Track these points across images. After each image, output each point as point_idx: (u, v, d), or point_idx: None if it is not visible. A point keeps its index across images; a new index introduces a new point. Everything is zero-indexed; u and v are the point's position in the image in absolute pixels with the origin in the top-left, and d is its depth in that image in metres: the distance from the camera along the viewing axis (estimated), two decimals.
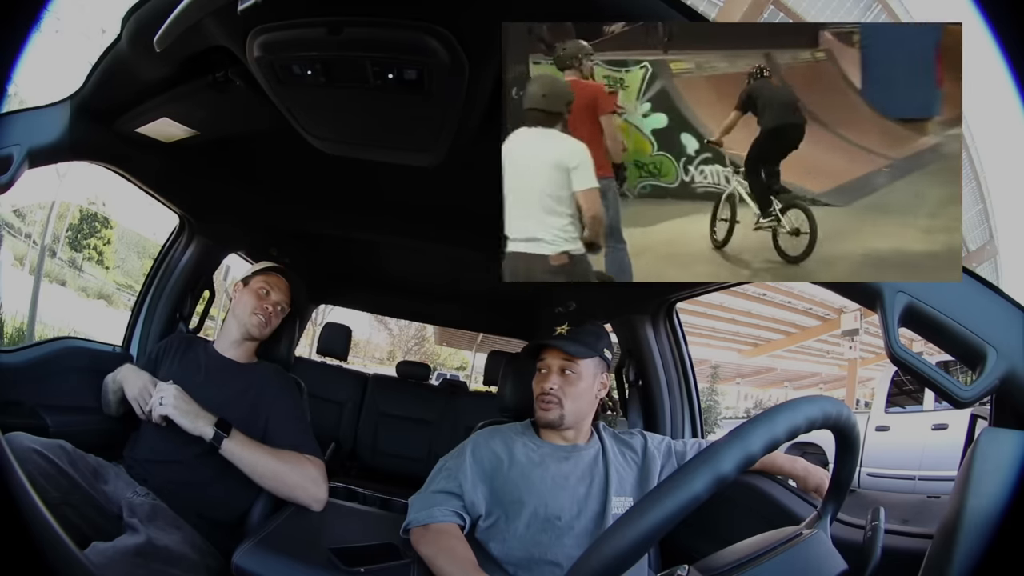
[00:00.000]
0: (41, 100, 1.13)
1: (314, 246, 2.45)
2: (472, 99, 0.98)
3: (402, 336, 22.11)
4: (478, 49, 0.86)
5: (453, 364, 22.97)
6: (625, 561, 0.47)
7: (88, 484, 1.18)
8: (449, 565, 1.03)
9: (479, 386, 4.09)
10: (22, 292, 7.45)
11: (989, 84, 3.18)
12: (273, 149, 1.53)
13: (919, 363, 0.70)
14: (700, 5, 7.35)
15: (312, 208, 1.95)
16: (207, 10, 0.76)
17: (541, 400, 1.20)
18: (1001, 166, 30.50)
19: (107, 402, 1.38)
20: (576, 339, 1.20)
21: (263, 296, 1.45)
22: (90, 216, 13.67)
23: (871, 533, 0.60)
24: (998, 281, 4.76)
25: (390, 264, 2.72)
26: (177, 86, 1.15)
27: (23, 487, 0.47)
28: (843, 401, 0.77)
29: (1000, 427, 0.67)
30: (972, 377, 0.68)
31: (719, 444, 0.50)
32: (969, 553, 0.54)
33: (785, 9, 7.80)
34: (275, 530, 1.15)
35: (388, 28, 0.84)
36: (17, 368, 1.35)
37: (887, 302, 0.71)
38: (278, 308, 1.47)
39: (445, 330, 12.78)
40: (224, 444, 1.21)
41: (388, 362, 21.20)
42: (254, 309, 1.43)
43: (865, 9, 8.38)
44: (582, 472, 1.20)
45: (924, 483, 5.03)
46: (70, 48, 10.40)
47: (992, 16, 0.50)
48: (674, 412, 1.67)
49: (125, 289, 12.93)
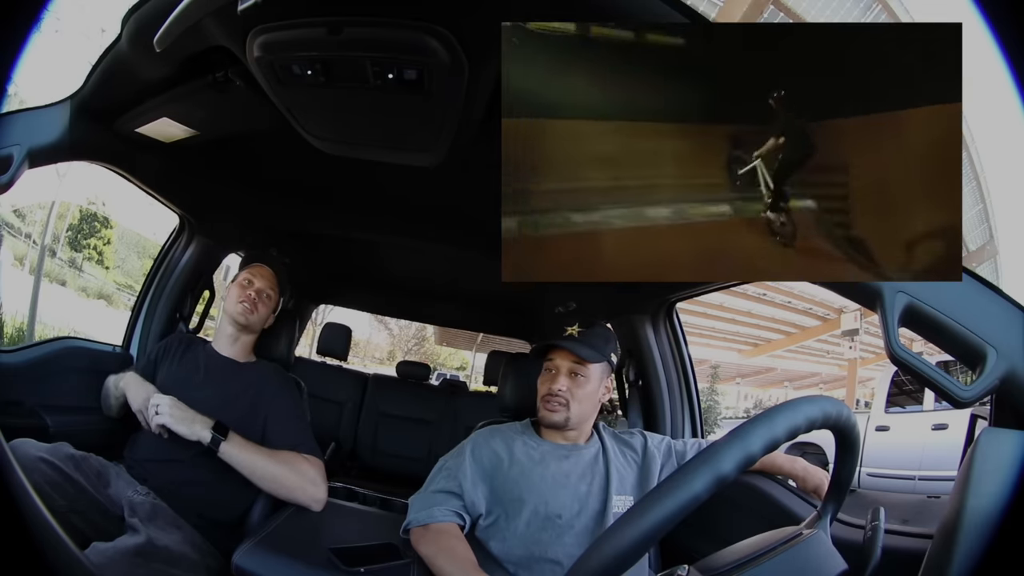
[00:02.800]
0: (41, 100, 1.13)
1: (314, 246, 2.45)
2: (472, 99, 0.98)
3: (402, 336, 22.12)
4: (478, 49, 0.86)
5: (453, 364, 22.97)
6: (625, 560, 0.47)
7: (93, 488, 1.18)
8: (449, 565, 1.03)
9: (479, 386, 4.09)
10: (22, 292, 7.46)
11: (989, 84, 3.18)
12: (273, 149, 1.53)
13: (919, 363, 0.70)
14: (700, 5, 7.36)
15: (312, 208, 1.95)
16: (207, 10, 0.76)
17: (548, 400, 1.20)
18: (1001, 166, 30.52)
19: (108, 405, 1.39)
20: (587, 342, 1.19)
21: (246, 286, 1.47)
22: (90, 216, 13.67)
23: (871, 533, 0.60)
24: (998, 281, 4.76)
25: (390, 264, 2.72)
26: (177, 86, 1.15)
27: (23, 488, 0.47)
28: (843, 401, 0.77)
29: (1000, 427, 0.67)
30: (972, 377, 0.68)
31: (719, 444, 0.50)
32: (969, 553, 0.54)
33: (785, 9, 7.80)
34: (275, 530, 1.15)
35: (388, 28, 0.84)
36: (17, 368, 1.35)
37: (887, 302, 0.71)
38: (263, 295, 1.47)
39: (445, 330, 12.79)
40: (221, 447, 1.21)
41: (388, 362, 21.20)
42: (238, 298, 1.44)
43: (865, 9, 8.38)
44: (583, 470, 1.20)
45: (924, 483, 5.03)
46: (70, 48, 10.41)
47: (992, 16, 0.50)
48: (674, 412, 1.67)
49: (125, 289, 12.93)
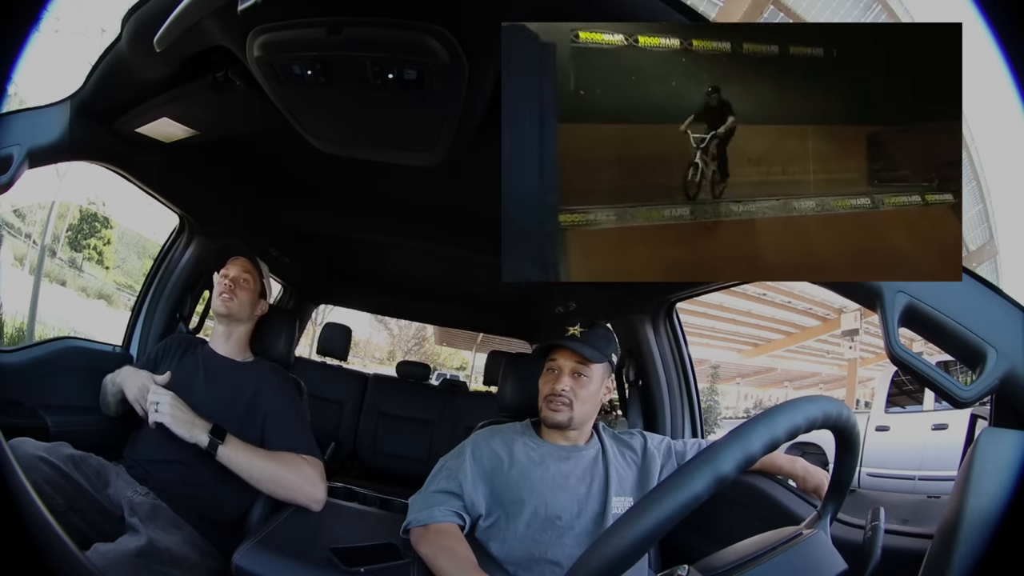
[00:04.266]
0: (41, 100, 1.13)
1: (314, 246, 2.45)
2: (472, 99, 0.98)
3: (402, 336, 22.12)
4: (478, 49, 0.86)
5: (453, 364, 22.97)
6: (625, 561, 0.47)
7: (93, 488, 1.18)
8: (449, 565, 1.03)
9: (479, 386, 4.09)
10: (22, 292, 7.47)
11: (989, 84, 3.18)
12: (273, 149, 1.53)
13: (919, 363, 0.70)
14: (700, 5, 7.35)
15: (312, 208, 1.95)
16: (207, 10, 0.76)
17: (550, 400, 1.20)
18: (1001, 166, 30.51)
19: (106, 403, 1.38)
20: (590, 342, 1.19)
21: (223, 278, 1.48)
22: (90, 216, 13.68)
23: (871, 533, 0.60)
24: (998, 281, 4.76)
25: (390, 264, 2.72)
26: (177, 86, 1.15)
27: (23, 488, 0.47)
28: (843, 401, 0.77)
29: (1000, 427, 0.67)
30: (972, 377, 0.68)
31: (719, 444, 0.50)
32: (969, 553, 0.54)
33: (785, 9, 7.80)
34: (275, 530, 1.15)
35: (388, 28, 0.84)
36: (17, 368, 1.35)
37: (887, 302, 0.71)
38: (239, 281, 1.48)
39: (445, 330, 12.78)
40: (220, 450, 1.21)
41: (388, 362, 21.20)
42: (217, 293, 1.46)
43: (865, 9, 8.38)
44: (582, 472, 1.20)
45: (924, 483, 5.03)
46: (70, 48, 10.41)
47: (992, 16, 0.50)
48: (674, 412, 1.67)
49: (125, 289, 12.94)
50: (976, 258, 11.06)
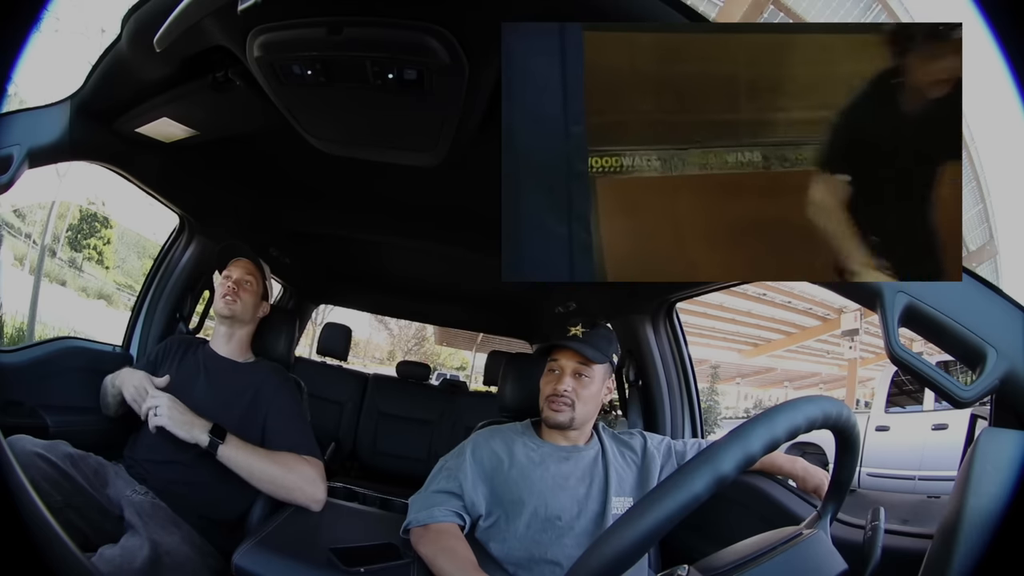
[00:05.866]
0: (41, 100, 1.13)
1: (314, 246, 2.45)
2: (472, 99, 0.98)
3: (402, 336, 22.12)
4: (478, 49, 0.86)
5: (453, 364, 22.97)
6: (625, 561, 0.47)
7: (91, 486, 1.18)
8: (449, 565, 1.03)
9: (479, 386, 4.09)
10: (22, 292, 7.47)
11: (989, 84, 3.18)
12: (273, 149, 1.53)
13: (919, 363, 0.69)
14: (700, 5, 7.35)
15: (312, 208, 1.95)
16: (207, 10, 0.76)
17: (552, 401, 1.20)
18: (1001, 166, 30.52)
19: (106, 404, 1.38)
20: (592, 343, 1.19)
21: (225, 280, 1.49)
22: (90, 216, 13.69)
23: (871, 533, 0.60)
24: (998, 281, 4.76)
25: (390, 264, 2.72)
26: (177, 86, 1.15)
27: (24, 489, 0.47)
28: (843, 401, 0.77)
29: (1000, 427, 0.66)
30: (972, 377, 0.68)
31: (719, 444, 0.49)
32: (969, 553, 0.54)
33: (785, 9, 7.79)
34: (275, 530, 1.15)
35: (388, 28, 0.84)
36: (17, 368, 1.35)
37: (887, 302, 0.70)
38: (242, 283, 1.48)
39: (445, 330, 12.79)
40: (220, 450, 1.21)
41: (388, 362, 21.21)
42: (220, 294, 1.46)
43: (865, 9, 8.37)
44: (582, 472, 1.20)
45: (924, 483, 5.03)
46: (70, 48, 10.42)
47: (992, 16, 0.50)
48: (674, 412, 1.67)
49: (125, 289, 12.95)
50: (976, 258, 11.06)
